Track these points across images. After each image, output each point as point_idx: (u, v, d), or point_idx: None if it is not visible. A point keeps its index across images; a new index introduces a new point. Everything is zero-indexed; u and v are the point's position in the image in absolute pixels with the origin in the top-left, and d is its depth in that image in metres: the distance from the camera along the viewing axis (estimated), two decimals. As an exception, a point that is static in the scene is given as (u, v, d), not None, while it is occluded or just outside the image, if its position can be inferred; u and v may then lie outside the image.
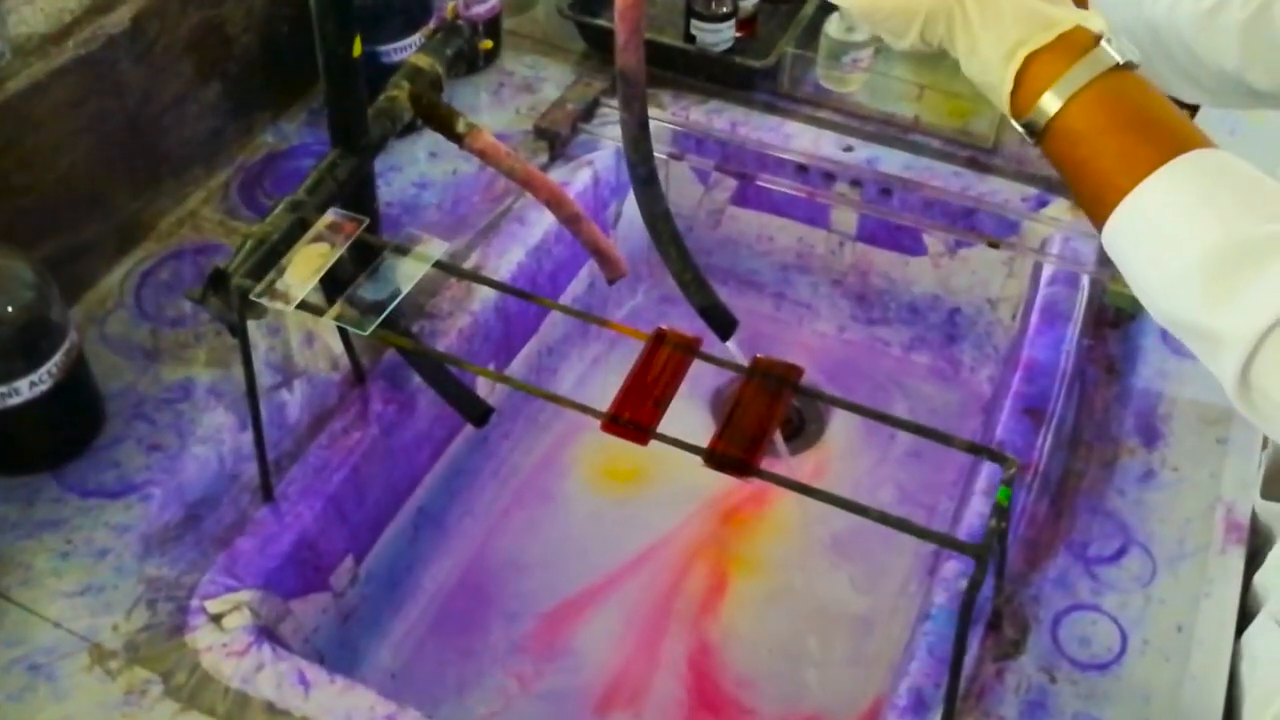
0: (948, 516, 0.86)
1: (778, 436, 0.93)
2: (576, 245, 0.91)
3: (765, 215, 0.98)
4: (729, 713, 0.80)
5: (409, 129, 0.94)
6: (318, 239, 0.65)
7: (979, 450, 0.57)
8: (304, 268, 0.64)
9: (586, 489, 0.93)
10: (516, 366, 0.90)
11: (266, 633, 0.66)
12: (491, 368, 0.85)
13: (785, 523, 0.91)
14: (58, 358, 0.69)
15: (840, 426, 0.96)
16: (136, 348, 0.79)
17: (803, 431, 0.96)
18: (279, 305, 0.61)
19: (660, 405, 0.57)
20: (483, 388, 0.82)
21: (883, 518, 0.54)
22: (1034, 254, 0.85)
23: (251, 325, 0.67)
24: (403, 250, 0.64)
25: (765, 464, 0.92)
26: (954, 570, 0.68)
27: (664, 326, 0.60)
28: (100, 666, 0.64)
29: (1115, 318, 0.80)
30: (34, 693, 0.63)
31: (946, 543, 0.53)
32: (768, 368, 0.58)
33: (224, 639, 0.65)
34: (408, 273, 0.64)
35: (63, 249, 0.79)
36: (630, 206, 0.98)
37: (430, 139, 0.94)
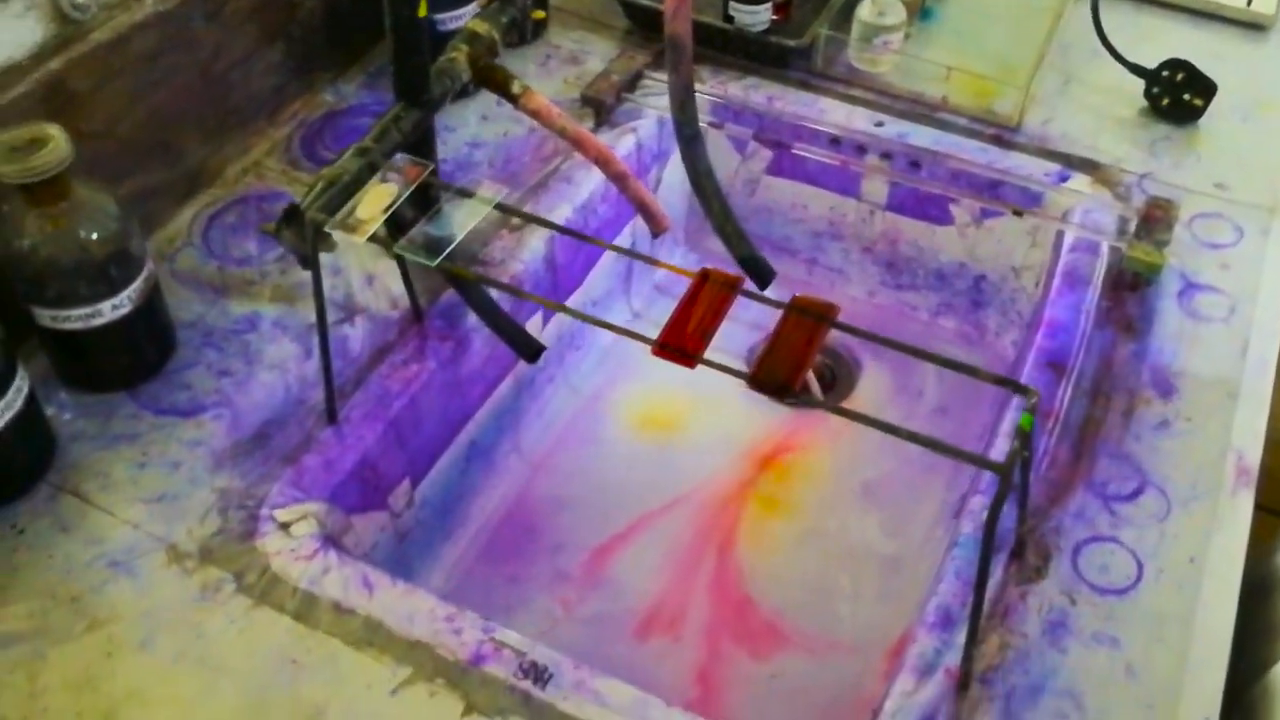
0: (971, 468, 0.90)
1: (815, 385, 0.98)
2: (620, 206, 0.96)
3: (799, 185, 1.02)
4: (764, 638, 0.84)
5: (461, 94, 0.99)
6: (385, 180, 0.70)
7: (1003, 381, 0.61)
8: (373, 205, 0.68)
9: (627, 435, 0.97)
10: (562, 316, 0.94)
11: (331, 541, 0.70)
12: (539, 315, 0.90)
13: (818, 471, 0.95)
14: (137, 284, 0.73)
15: (869, 383, 1.01)
16: (205, 284, 0.83)
17: (833, 387, 1.00)
18: (350, 237, 0.66)
19: (705, 336, 0.61)
20: (532, 329, 0.87)
21: (912, 436, 0.58)
22: (1056, 222, 0.89)
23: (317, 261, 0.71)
24: (464, 194, 0.68)
25: (802, 415, 0.98)
26: (980, 504, 0.72)
27: (709, 268, 0.64)
28: (176, 565, 0.68)
29: (1133, 282, 0.84)
30: (114, 585, 0.67)
31: (973, 460, 0.57)
32: (807, 304, 0.62)
33: (292, 545, 0.69)
34: (468, 213, 0.68)
35: (137, 190, 0.84)
36: (670, 172, 1.03)
37: (481, 104, 0.99)
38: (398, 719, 0.62)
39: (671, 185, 1.03)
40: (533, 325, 0.89)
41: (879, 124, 0.97)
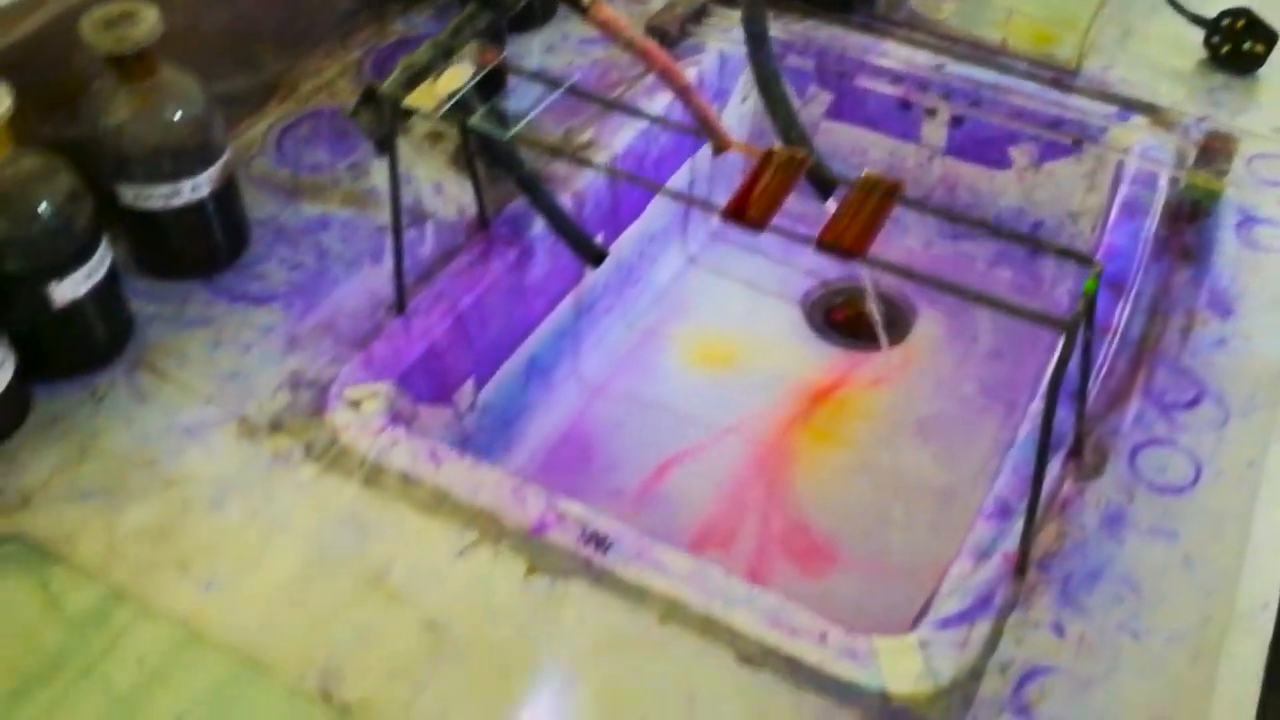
0: (1025, 412, 0.91)
1: (879, 324, 0.99)
2: (680, 137, 0.98)
3: (858, 129, 1.04)
4: (815, 558, 0.84)
5: (529, 25, 1.02)
6: (459, 64, 0.72)
7: (1067, 253, 0.61)
8: (447, 84, 0.70)
9: (682, 368, 0.98)
10: (621, 247, 0.96)
11: (400, 419, 0.72)
12: (600, 237, 0.91)
13: (871, 408, 0.95)
14: (216, 168, 0.75)
15: (923, 328, 1.01)
16: (278, 187, 0.86)
17: (892, 327, 1.01)
18: (426, 108, 0.68)
19: (771, 207, 0.63)
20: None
21: (978, 297, 0.59)
22: (1115, 153, 0.90)
23: (385, 175, 0.73)
24: (536, 77, 0.70)
25: (862, 357, 0.98)
26: (1038, 408, 0.73)
27: (775, 148, 0.65)
28: (247, 436, 0.70)
29: (1192, 212, 0.84)
30: (188, 451, 0.69)
31: (1035, 318, 0.58)
32: (874, 181, 0.63)
33: (361, 420, 0.70)
34: (540, 95, 0.70)
35: (216, 94, 0.86)
36: (729, 112, 1.05)
37: (547, 35, 1.02)
38: (462, 577, 0.63)
39: (730, 126, 1.05)
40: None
41: (939, 66, 0.98)
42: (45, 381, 0.71)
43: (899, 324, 1.02)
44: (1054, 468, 0.69)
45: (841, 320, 1.03)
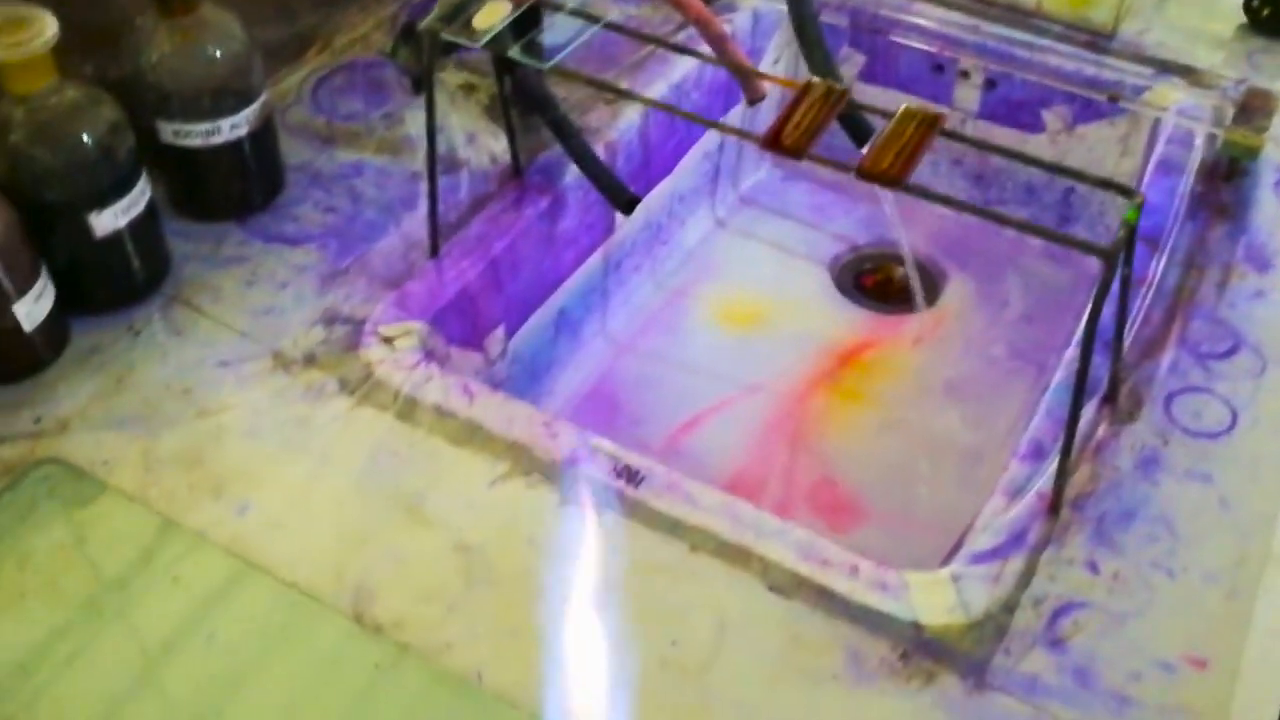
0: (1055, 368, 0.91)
1: (917, 286, 0.99)
2: (714, 94, 0.98)
3: (891, 91, 1.03)
4: (843, 513, 0.84)
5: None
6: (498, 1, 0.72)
7: (1107, 184, 0.61)
8: (487, 18, 0.70)
9: (710, 328, 0.98)
10: (650, 204, 0.96)
11: (432, 358, 0.72)
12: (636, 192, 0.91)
13: (899, 368, 0.95)
14: (255, 108, 0.76)
15: (954, 293, 1.01)
16: (313, 135, 0.86)
17: (923, 291, 1.01)
18: (467, 42, 0.68)
19: (812, 133, 0.63)
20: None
21: (1020, 224, 0.59)
22: (1152, 110, 0.89)
23: (420, 123, 0.73)
24: (575, 14, 0.70)
25: (891, 320, 0.98)
26: (1072, 356, 0.72)
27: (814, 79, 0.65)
28: (282, 369, 0.70)
29: (1229, 170, 0.84)
30: (224, 383, 0.69)
31: (1076, 244, 0.58)
32: (914, 112, 0.63)
33: (395, 355, 0.71)
34: (579, 29, 0.71)
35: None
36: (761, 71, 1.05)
37: (583, -4, 1.02)
38: (495, 506, 0.63)
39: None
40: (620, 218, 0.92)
41: (973, 27, 0.98)
42: (83, 316, 0.72)
43: (929, 289, 1.02)
44: (1088, 413, 0.69)
45: (871, 285, 1.03)
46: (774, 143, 0.62)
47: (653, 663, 0.57)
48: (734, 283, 1.02)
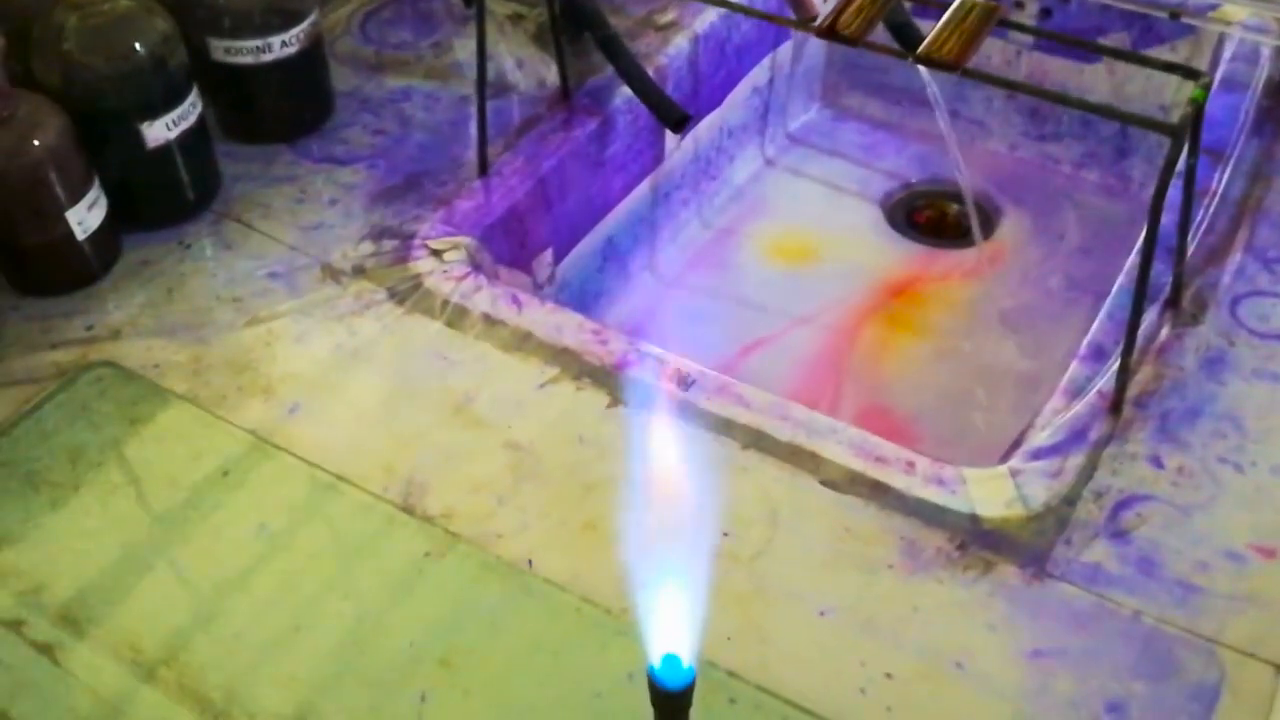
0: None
1: (975, 221, 0.97)
2: (762, 29, 0.97)
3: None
4: (898, 438, 0.82)
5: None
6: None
7: (1172, 67, 0.59)
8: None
9: (759, 262, 0.97)
10: (699, 135, 0.95)
11: (480, 272, 0.72)
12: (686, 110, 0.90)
13: (954, 299, 0.94)
14: (304, 26, 0.76)
15: (1009, 228, 0.99)
16: (362, 63, 0.86)
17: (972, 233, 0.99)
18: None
19: (869, 22, 0.61)
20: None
21: (1081, 103, 0.57)
22: (1216, 25, 0.87)
23: (469, 50, 0.73)
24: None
25: (944, 254, 0.96)
26: (1134, 262, 0.70)
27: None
28: (331, 279, 0.70)
29: (1297, 84, 0.82)
30: (274, 293, 0.69)
31: (1142, 122, 0.56)
32: (972, 3, 0.62)
33: (444, 267, 0.70)
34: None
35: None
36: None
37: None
38: (544, 407, 0.63)
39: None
40: (669, 146, 0.91)
41: (1027, -41, 0.97)
42: (135, 232, 0.73)
43: (985, 225, 1.00)
44: (1151, 316, 0.67)
45: (924, 221, 1.01)
46: (831, 31, 0.61)
47: (704, 552, 0.56)
48: (783, 220, 1.01)
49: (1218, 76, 0.85)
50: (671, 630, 0.37)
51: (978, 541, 0.56)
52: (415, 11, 0.91)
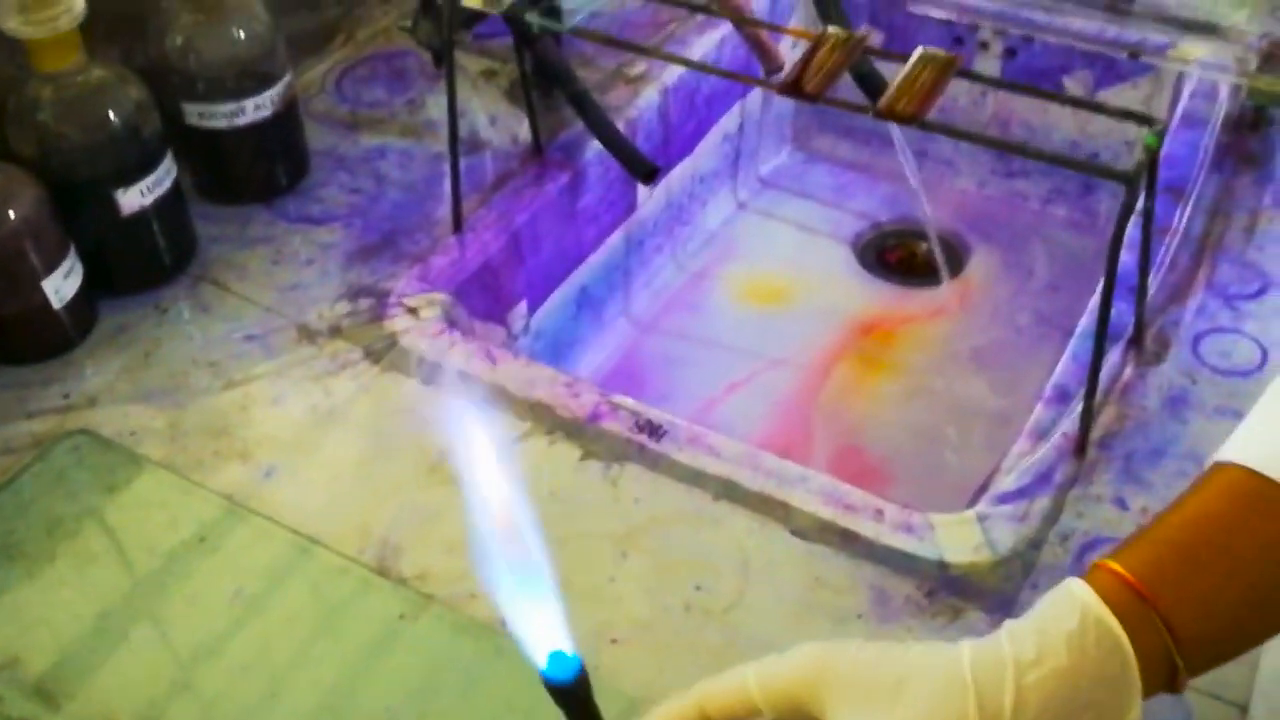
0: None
1: (941, 260, 0.98)
2: (731, 81, 0.99)
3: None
4: (870, 479, 0.84)
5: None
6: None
7: (1128, 114, 0.61)
8: (507, -11, 0.71)
9: (733, 305, 0.98)
10: (671, 183, 0.96)
11: (455, 328, 0.73)
12: (644, 192, 0.92)
13: (925, 338, 0.95)
14: (278, 89, 0.77)
15: (978, 264, 1.00)
16: (338, 122, 0.87)
17: (946, 264, 1.00)
18: (486, 8, 0.69)
19: (828, 77, 0.63)
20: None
21: (1038, 153, 0.59)
22: (1175, 64, 0.89)
23: (442, 107, 0.74)
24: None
25: (915, 293, 0.97)
26: (1096, 302, 0.72)
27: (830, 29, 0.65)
28: (307, 340, 0.71)
29: (1254, 120, 0.83)
30: (250, 355, 0.70)
31: (1095, 170, 0.57)
32: (930, 55, 0.63)
33: (419, 325, 0.71)
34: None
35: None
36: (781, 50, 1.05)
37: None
38: (517, 462, 0.63)
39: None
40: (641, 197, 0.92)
41: (990, -1, 0.98)
42: (112, 298, 0.73)
43: (953, 261, 1.01)
44: (1114, 356, 0.68)
45: (895, 261, 1.02)
46: (793, 88, 0.62)
47: (677, 606, 0.56)
48: (756, 262, 1.02)
49: (1178, 113, 0.87)
50: (544, 630, 0.38)
51: (946, 588, 0.56)
52: (389, 69, 0.92)
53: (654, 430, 0.65)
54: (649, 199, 0.93)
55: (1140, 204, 0.61)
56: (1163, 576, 0.39)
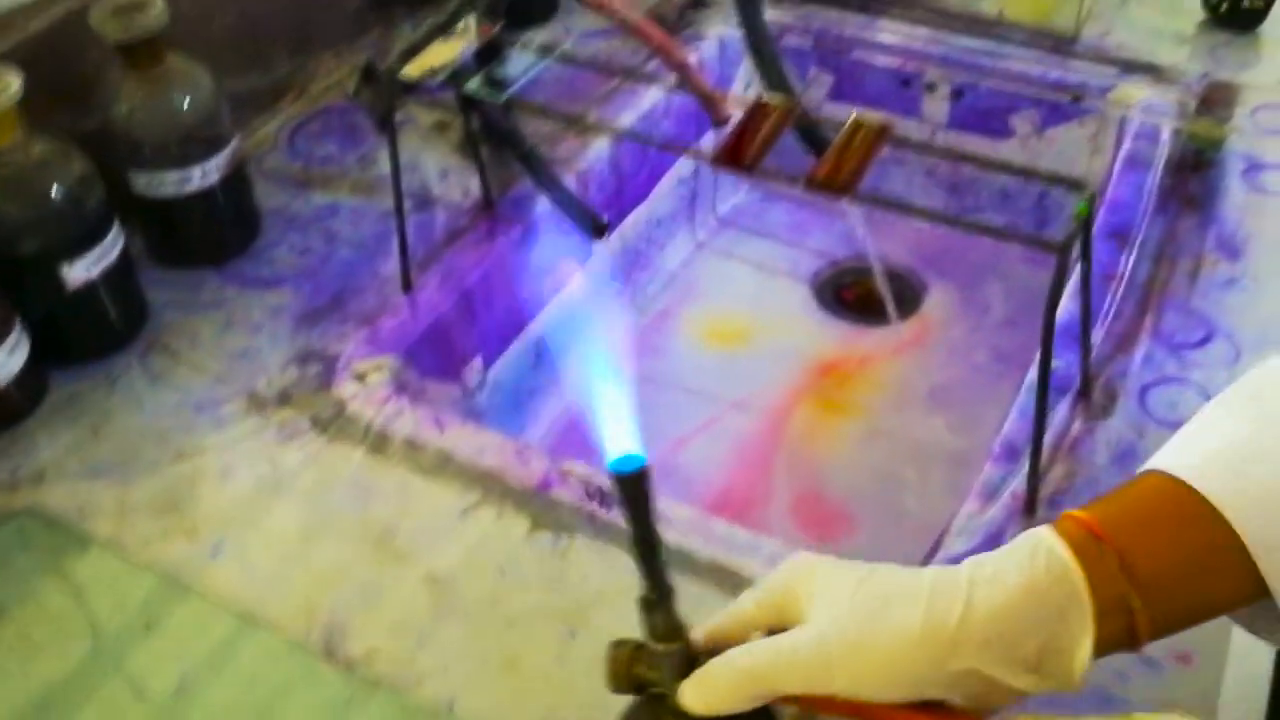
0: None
1: (889, 298, 0.99)
2: (683, 122, 0.99)
3: (860, 108, 1.04)
4: (831, 524, 0.84)
5: (529, 19, 1.03)
6: (456, 37, 0.73)
7: (1058, 180, 0.61)
8: (444, 56, 0.72)
9: (694, 348, 0.99)
10: (626, 229, 0.96)
11: (405, 392, 0.73)
12: (605, 218, 0.92)
13: (883, 378, 0.95)
14: (225, 154, 0.77)
15: (935, 301, 1.01)
16: (289, 179, 0.87)
17: (902, 303, 1.01)
18: (424, 80, 0.69)
19: (763, 150, 0.63)
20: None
21: (970, 224, 0.59)
22: (1117, 108, 0.90)
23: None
24: (528, 46, 0.71)
25: (872, 332, 0.98)
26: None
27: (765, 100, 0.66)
28: (256, 409, 0.71)
29: (1196, 162, 0.84)
30: (200, 426, 0.70)
31: (1026, 239, 0.58)
32: (862, 122, 0.64)
33: (367, 391, 0.71)
34: (533, 62, 0.72)
35: (229, 93, 0.88)
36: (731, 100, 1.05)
37: (550, 30, 1.03)
38: (465, 537, 0.63)
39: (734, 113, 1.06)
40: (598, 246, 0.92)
41: (937, 40, 0.99)
42: (62, 367, 0.73)
43: (909, 299, 1.02)
44: (1062, 410, 0.68)
45: (852, 298, 1.03)
46: (727, 159, 0.62)
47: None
48: (716, 303, 1.02)
49: (1122, 153, 0.87)
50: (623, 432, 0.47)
51: None
52: (343, 123, 0.92)
53: (604, 498, 0.65)
54: (604, 246, 0.93)
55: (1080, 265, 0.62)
56: (1116, 522, 0.42)
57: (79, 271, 0.70)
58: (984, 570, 0.41)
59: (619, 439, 0.47)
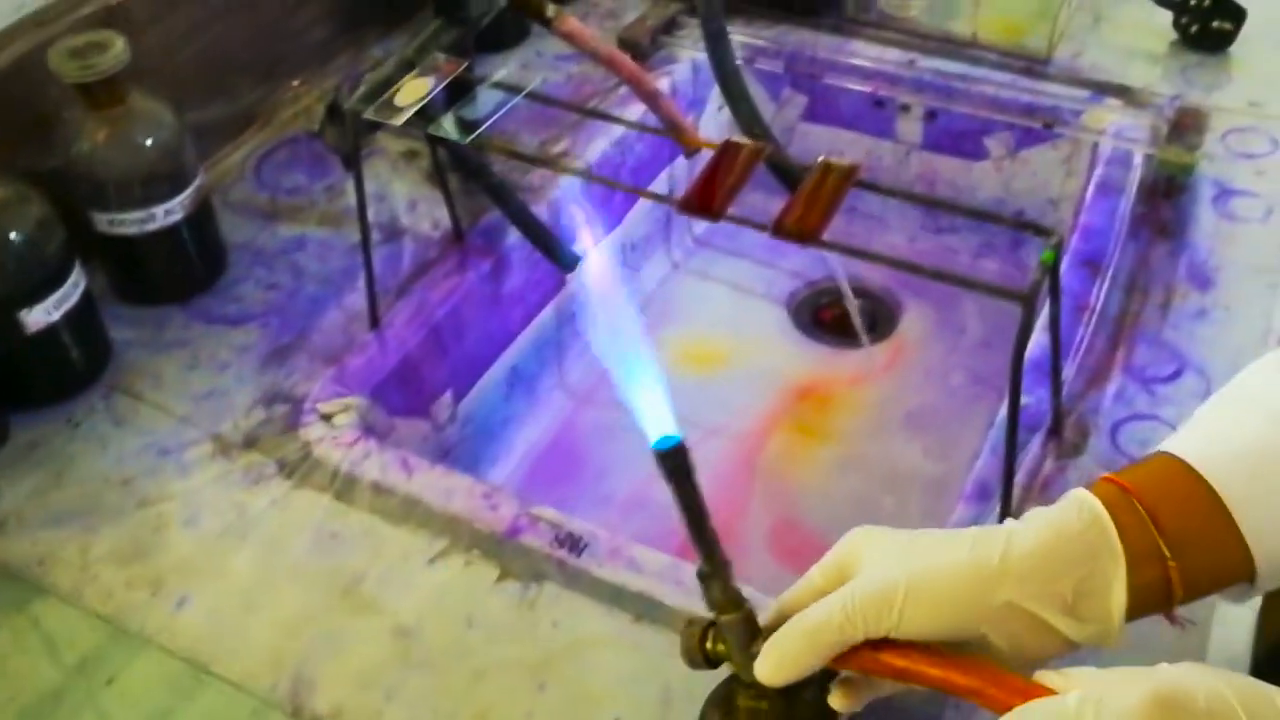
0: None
1: (860, 325, 0.98)
2: (658, 146, 0.98)
3: (835, 130, 1.03)
4: (808, 554, 0.83)
5: (503, 46, 1.02)
6: (422, 75, 0.72)
7: (1024, 225, 0.61)
8: (410, 95, 0.70)
9: (670, 371, 0.97)
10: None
11: (372, 432, 0.72)
12: (578, 245, 0.91)
13: (859, 403, 0.95)
14: (189, 192, 0.76)
15: (910, 322, 1.01)
16: (256, 211, 0.86)
17: (874, 328, 1.00)
18: (388, 120, 0.68)
19: (730, 194, 0.62)
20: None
21: (936, 274, 0.59)
22: (1089, 134, 0.89)
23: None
24: (497, 85, 0.71)
25: (849, 354, 0.97)
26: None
27: (732, 139, 0.65)
28: (222, 453, 0.70)
29: (1167, 188, 0.84)
30: (163, 471, 0.69)
31: (990, 290, 0.57)
32: (830, 165, 0.63)
33: (334, 433, 0.70)
34: (500, 100, 0.71)
35: (193, 124, 0.87)
36: (705, 120, 1.05)
37: (522, 54, 1.02)
38: (433, 585, 0.63)
39: (708, 134, 1.05)
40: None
41: (910, 62, 0.98)
42: (22, 410, 0.72)
43: (884, 320, 1.02)
44: (1034, 448, 0.68)
45: (828, 319, 1.02)
46: (691, 205, 0.61)
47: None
48: (693, 325, 1.02)
49: (1095, 178, 0.87)
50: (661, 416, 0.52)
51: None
52: (310, 152, 0.91)
53: (574, 544, 0.64)
54: (576, 274, 0.92)
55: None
56: (1143, 484, 0.47)
57: (39, 316, 0.69)
58: (1021, 523, 0.47)
59: (655, 423, 0.52)
